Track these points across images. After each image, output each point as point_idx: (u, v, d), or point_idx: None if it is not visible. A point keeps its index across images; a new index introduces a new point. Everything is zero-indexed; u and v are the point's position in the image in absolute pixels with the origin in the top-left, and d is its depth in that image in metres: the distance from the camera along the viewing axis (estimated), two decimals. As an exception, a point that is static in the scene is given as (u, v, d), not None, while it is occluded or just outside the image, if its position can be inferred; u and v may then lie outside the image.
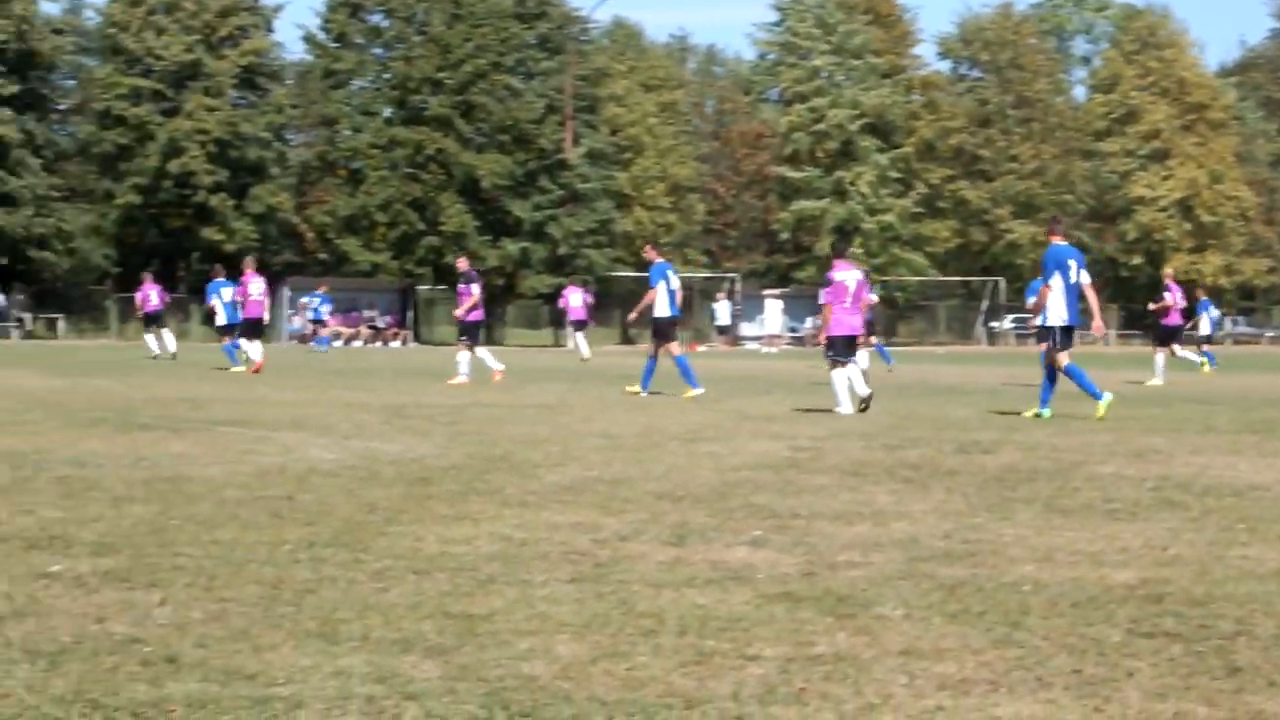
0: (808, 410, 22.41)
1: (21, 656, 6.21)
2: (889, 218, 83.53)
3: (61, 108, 77.44)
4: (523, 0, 78.70)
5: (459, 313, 31.29)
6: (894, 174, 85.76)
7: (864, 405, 21.54)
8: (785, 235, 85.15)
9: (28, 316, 71.46)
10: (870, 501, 11.55)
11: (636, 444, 16.25)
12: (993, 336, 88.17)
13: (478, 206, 74.81)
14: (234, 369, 35.62)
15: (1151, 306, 37.68)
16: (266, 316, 37.20)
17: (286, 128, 79.41)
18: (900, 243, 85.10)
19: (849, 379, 21.54)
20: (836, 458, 14.96)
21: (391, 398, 24.66)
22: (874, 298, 29.37)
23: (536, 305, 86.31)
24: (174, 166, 70.41)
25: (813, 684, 6.02)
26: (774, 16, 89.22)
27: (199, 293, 75.96)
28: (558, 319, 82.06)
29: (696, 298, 76.14)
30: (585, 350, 46.85)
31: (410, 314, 75.37)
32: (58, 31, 73.69)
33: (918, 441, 16.93)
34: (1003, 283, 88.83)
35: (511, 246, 73.48)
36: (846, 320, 21.64)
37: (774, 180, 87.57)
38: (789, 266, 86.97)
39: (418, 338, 75.10)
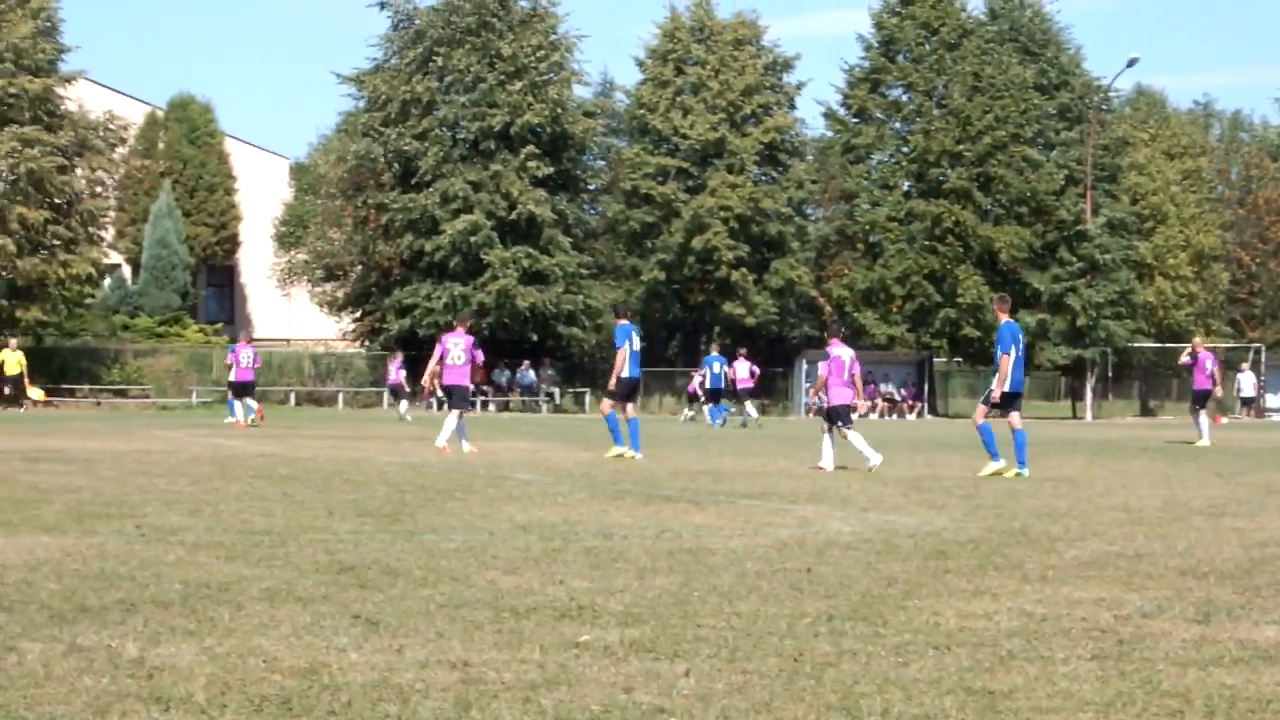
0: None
1: (554, 725, 6.46)
2: None
3: (591, 187, 79.79)
4: (1044, 71, 78.05)
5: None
6: None
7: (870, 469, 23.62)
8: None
9: (557, 391, 73.87)
10: None
11: (1158, 518, 15.93)
12: None
13: (995, 278, 74.23)
14: (228, 420, 42.37)
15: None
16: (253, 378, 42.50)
17: (806, 203, 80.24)
18: None
19: (856, 439, 24.49)
20: (1374, 536, 14.38)
21: (908, 470, 24.68)
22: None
23: (1054, 376, 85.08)
24: (697, 243, 71.91)
25: (1348, 772, 5.83)
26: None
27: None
28: (1076, 391, 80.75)
29: (1219, 369, 73.84)
30: (753, 413, 50.15)
31: (926, 386, 75.20)
32: (589, 114, 76.01)
33: None
34: None
35: (1029, 318, 72.65)
36: (843, 391, 25.09)
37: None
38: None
39: (934, 410, 74.86)
